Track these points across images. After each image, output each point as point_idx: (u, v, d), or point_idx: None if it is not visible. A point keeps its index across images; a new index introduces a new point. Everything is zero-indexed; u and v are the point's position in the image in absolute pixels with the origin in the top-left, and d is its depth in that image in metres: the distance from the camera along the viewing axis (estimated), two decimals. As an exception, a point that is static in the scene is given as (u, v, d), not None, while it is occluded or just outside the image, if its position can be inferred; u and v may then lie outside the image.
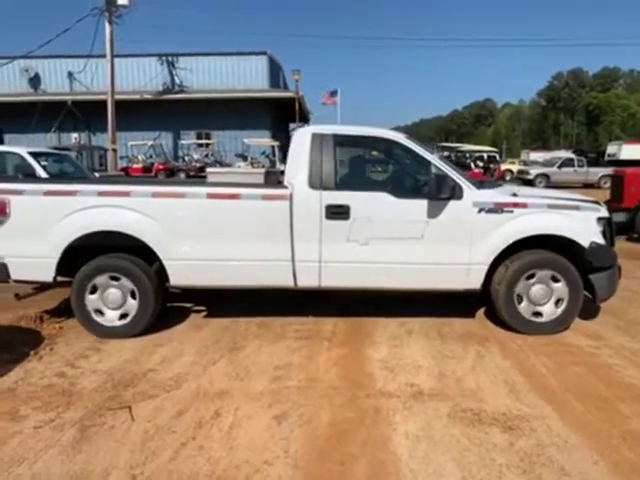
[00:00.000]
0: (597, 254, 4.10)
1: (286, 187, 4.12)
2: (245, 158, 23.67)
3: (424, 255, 4.10)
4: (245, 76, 24.46)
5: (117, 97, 18.70)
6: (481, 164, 25.56)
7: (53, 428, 2.77)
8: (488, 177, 24.86)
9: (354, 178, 4.51)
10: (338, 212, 4.05)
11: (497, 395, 3.18)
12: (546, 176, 23.54)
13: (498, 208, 4.08)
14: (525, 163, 31.42)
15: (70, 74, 24.13)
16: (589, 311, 4.65)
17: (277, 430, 2.77)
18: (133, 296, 4.15)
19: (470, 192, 4.10)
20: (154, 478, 2.35)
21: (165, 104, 23.17)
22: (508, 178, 26.57)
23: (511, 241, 4.06)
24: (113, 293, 4.14)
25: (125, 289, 4.14)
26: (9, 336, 4.18)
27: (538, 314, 4.20)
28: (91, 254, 4.17)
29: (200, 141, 24.75)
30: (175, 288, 4.43)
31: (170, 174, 22.69)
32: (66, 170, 9.37)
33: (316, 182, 4.10)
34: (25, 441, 2.64)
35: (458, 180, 4.11)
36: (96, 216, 4.07)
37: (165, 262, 4.14)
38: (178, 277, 4.19)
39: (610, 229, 4.33)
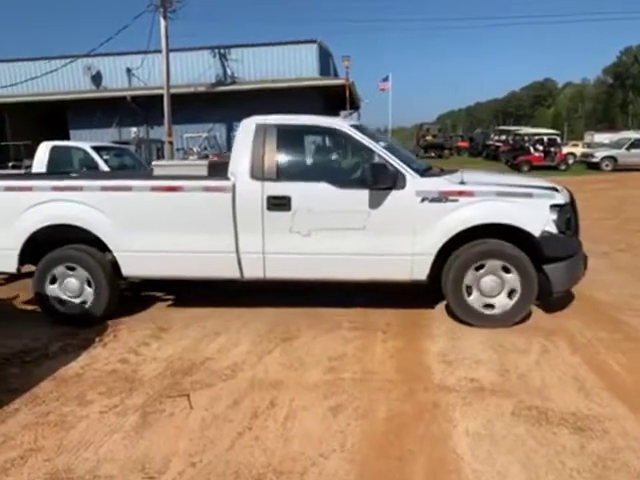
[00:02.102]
0: (550, 243, 3.89)
1: (228, 178, 4.13)
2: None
3: (367, 246, 4.03)
4: (296, 65, 24.44)
5: (172, 91, 19.24)
6: (541, 147, 24.34)
7: (117, 414, 2.87)
8: (549, 161, 23.75)
9: (296, 168, 4.35)
10: (279, 203, 4.02)
11: (565, 393, 2.99)
12: (613, 159, 22.15)
13: (442, 197, 3.94)
14: (589, 145, 29.65)
15: (129, 70, 25.00)
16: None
17: (333, 422, 2.74)
18: (89, 285, 4.33)
19: (413, 181, 3.98)
20: (212, 467, 2.38)
21: (218, 96, 23.57)
22: (571, 161, 25.21)
23: (455, 231, 3.92)
24: (71, 282, 4.33)
25: (82, 278, 4.32)
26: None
27: (490, 306, 4.03)
28: (55, 246, 4.37)
29: (252, 132, 25.01)
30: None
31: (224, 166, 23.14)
32: (126, 163, 9.73)
33: (258, 173, 4.08)
34: (92, 425, 2.75)
35: (401, 169, 4.00)
36: (50, 210, 4.26)
37: (115, 254, 4.31)
38: (128, 268, 4.34)
39: (570, 216, 4.05)
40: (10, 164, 15.27)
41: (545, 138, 25.43)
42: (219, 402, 2.98)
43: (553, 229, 3.91)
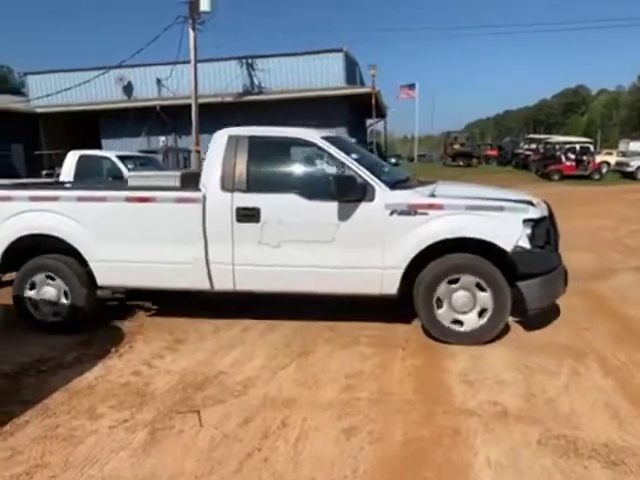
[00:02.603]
0: (524, 259, 3.74)
1: (199, 190, 4.13)
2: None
3: (336, 259, 3.96)
4: (322, 74, 24.53)
5: (200, 100, 19.51)
6: (572, 156, 23.68)
7: (126, 429, 2.81)
8: (581, 170, 23.07)
9: (266, 180, 4.23)
10: (248, 215, 4.01)
11: (597, 421, 2.79)
12: (650, 167, 21.33)
13: (411, 210, 3.85)
14: (624, 154, 28.71)
15: (158, 80, 25.55)
16: None
17: (346, 446, 2.61)
18: (65, 294, 4.37)
19: (383, 193, 3.90)
20: (218, 490, 2.28)
21: (245, 105, 23.83)
22: (605, 170, 24.45)
23: (425, 245, 3.82)
24: (49, 291, 4.37)
25: (59, 288, 4.36)
26: (93, 333, 4.39)
27: (458, 322, 3.90)
28: (35, 255, 4.44)
29: (278, 141, 25.19)
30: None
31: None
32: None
33: (228, 184, 4.07)
34: (100, 441, 2.70)
35: (370, 181, 3.93)
36: (28, 220, 4.34)
37: (90, 263, 4.31)
38: (103, 278, 4.35)
39: (547, 231, 3.90)
40: (44, 172, 15.73)
41: (577, 146, 24.72)
42: (229, 420, 2.89)
43: (527, 244, 3.75)
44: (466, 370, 3.47)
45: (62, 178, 8.90)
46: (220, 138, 4.25)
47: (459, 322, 3.90)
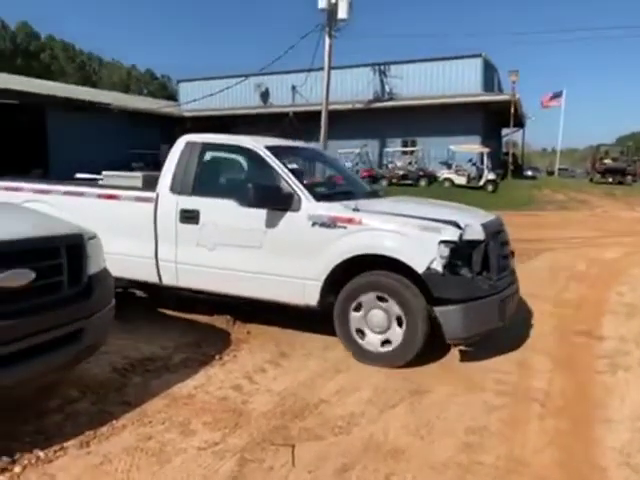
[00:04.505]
0: (437, 283, 3.53)
1: (154, 191, 4.43)
2: (449, 166, 22.66)
3: (264, 265, 4.05)
4: (457, 80, 23.42)
5: (331, 107, 19.73)
6: None
7: (215, 454, 2.58)
8: None
9: (209, 185, 4.47)
10: (189, 216, 4.25)
11: None
12: None
13: (331, 223, 3.84)
14: None
15: (293, 87, 26.52)
16: None
17: (462, 529, 2.09)
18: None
19: (308, 204, 3.94)
20: None
21: (374, 112, 23.66)
22: None
23: (340, 260, 3.79)
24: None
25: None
26: (203, 335, 4.35)
27: (387, 342, 3.73)
28: None
29: (404, 148, 24.61)
30: None
31: (373, 181, 23.08)
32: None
33: (176, 187, 4.36)
34: (187, 463, 2.50)
35: (298, 191, 3.98)
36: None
37: None
38: None
39: (473, 255, 3.62)
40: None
41: None
42: (325, 464, 2.52)
43: (439, 267, 3.52)
44: (629, 447, 2.70)
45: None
46: (179, 143, 4.54)
47: (380, 342, 3.76)
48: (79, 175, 5.94)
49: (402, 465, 2.52)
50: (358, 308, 3.82)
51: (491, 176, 21.56)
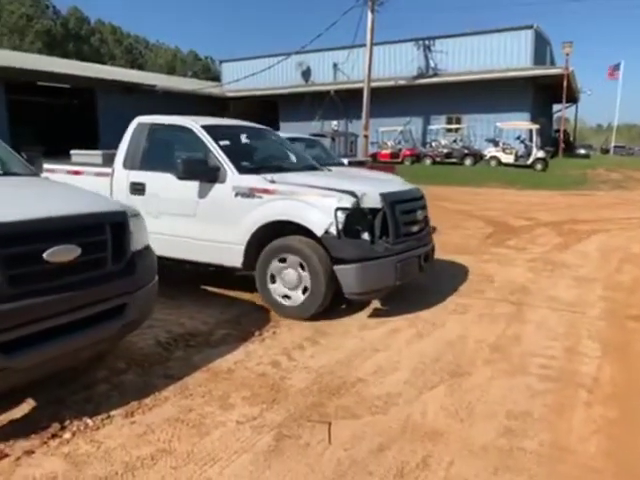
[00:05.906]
0: (333, 245, 4.05)
1: (110, 167, 5.00)
2: (496, 143, 21.88)
3: (198, 231, 4.59)
4: (506, 54, 22.41)
5: (373, 84, 19.36)
6: None
7: (253, 428, 2.63)
8: None
9: (153, 160, 4.91)
10: (137, 188, 4.82)
11: None
12: None
13: (250, 193, 4.35)
14: None
15: (335, 65, 26.15)
16: None
17: (501, 514, 2.04)
18: None
19: (232, 177, 4.45)
20: (337, 534, 1.92)
21: (417, 89, 23.03)
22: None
23: (257, 226, 4.31)
24: None
25: None
26: (244, 311, 4.42)
27: (287, 297, 4.27)
28: None
29: (449, 126, 23.91)
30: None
31: (416, 160, 22.62)
32: (315, 154, 9.93)
33: (127, 163, 4.93)
34: (225, 436, 2.55)
35: (225, 165, 4.48)
36: None
37: None
38: None
39: (368, 221, 4.15)
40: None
41: None
42: (361, 443, 2.51)
43: (334, 231, 4.02)
44: (684, 440, 2.55)
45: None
46: (133, 124, 5.03)
47: (288, 297, 4.25)
48: (73, 152, 6.19)
49: (440, 447, 2.48)
50: (274, 268, 4.29)
51: (540, 154, 20.68)
